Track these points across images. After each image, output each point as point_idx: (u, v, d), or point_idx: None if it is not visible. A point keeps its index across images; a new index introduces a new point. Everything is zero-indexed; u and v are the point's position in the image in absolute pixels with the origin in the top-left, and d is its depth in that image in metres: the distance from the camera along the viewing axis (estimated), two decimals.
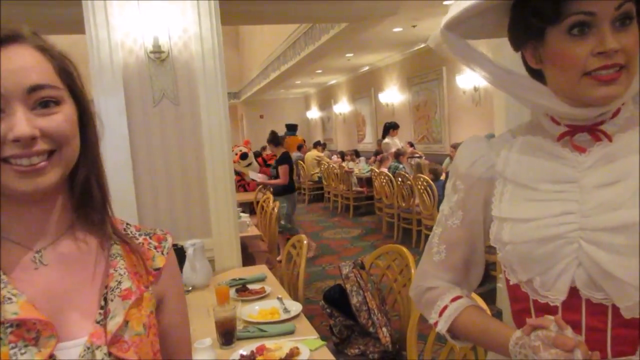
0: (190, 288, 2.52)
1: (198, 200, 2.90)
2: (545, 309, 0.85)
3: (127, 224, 0.82)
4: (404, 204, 6.32)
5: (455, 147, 7.27)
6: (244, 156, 6.71)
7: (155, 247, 0.81)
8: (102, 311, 0.70)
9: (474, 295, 1.44)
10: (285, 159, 5.87)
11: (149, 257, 0.79)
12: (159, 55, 2.72)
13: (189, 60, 2.79)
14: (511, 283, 0.90)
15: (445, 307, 0.95)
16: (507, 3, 0.85)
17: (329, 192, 9.88)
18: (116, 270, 0.73)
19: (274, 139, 6.24)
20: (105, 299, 0.71)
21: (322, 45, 7.89)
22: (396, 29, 7.69)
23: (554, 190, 0.85)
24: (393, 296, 2.38)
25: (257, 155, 8.08)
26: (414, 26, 7.43)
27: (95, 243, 0.75)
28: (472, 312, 0.94)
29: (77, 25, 2.70)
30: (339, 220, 8.43)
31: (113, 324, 0.69)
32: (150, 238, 0.81)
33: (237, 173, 6.36)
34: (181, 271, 2.53)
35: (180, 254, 2.66)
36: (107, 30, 2.64)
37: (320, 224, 8.27)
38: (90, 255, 0.74)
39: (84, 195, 0.73)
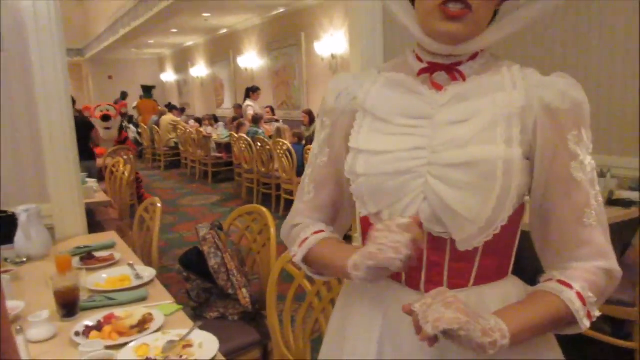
0: (24, 259, 2.24)
1: (32, 162, 2.57)
2: None
3: None
4: (263, 169, 6.31)
5: (307, 113, 7.42)
6: (105, 118, 5.85)
7: None
8: None
9: None
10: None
11: None
12: None
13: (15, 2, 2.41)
14: (361, 215, 0.91)
15: (305, 239, 0.96)
16: None
17: (186, 159, 9.52)
18: None
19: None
20: None
21: (176, 1, 7.43)
22: None
23: (408, 125, 0.87)
24: (252, 257, 2.35)
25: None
26: None
27: None
28: (328, 242, 0.95)
29: None
30: (198, 187, 8.19)
31: None
32: None
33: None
34: (12, 240, 2.26)
35: (11, 221, 2.35)
36: None
37: (177, 191, 7.97)
38: None
39: None
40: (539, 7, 0.84)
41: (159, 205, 2.60)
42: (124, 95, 13.96)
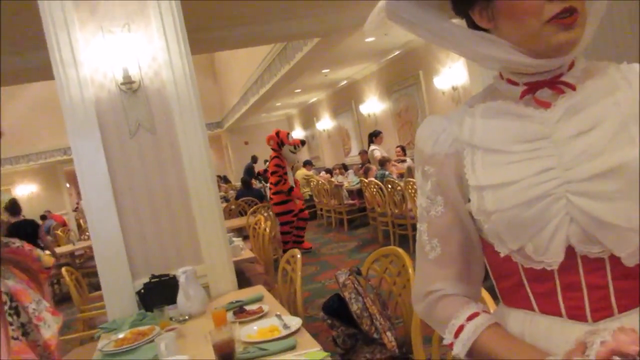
0: (187, 317, 2.46)
1: (185, 228, 2.86)
2: (540, 277, 0.82)
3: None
4: (396, 211, 6.29)
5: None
6: (303, 142, 7.32)
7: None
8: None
9: (483, 293, 1.39)
10: None
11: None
12: (130, 86, 2.69)
13: (161, 88, 2.77)
14: (502, 255, 0.83)
15: (461, 327, 0.86)
16: None
17: (321, 209, 9.83)
18: None
19: None
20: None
21: (297, 64, 7.93)
22: (368, 40, 7.76)
23: (528, 150, 0.81)
24: (394, 300, 2.34)
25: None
26: (385, 34, 7.51)
27: None
28: (492, 334, 0.84)
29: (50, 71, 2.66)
30: (335, 235, 8.37)
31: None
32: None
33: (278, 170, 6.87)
34: (175, 301, 2.51)
35: (173, 283, 2.61)
36: (75, 67, 2.62)
37: (316, 241, 8.21)
38: None
39: None
40: None
41: (298, 256, 2.72)
42: (254, 159, 14.94)
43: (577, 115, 0.80)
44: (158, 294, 2.64)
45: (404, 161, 8.41)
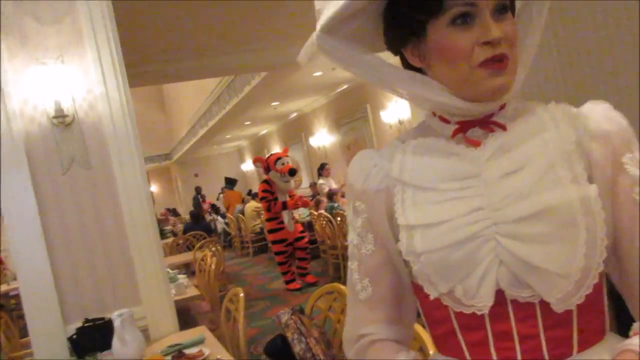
0: None
1: (123, 268, 2.71)
2: (472, 325, 0.78)
3: None
4: (346, 243, 6.27)
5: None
6: (291, 172, 5.96)
7: None
8: None
9: (418, 328, 1.36)
10: None
11: None
12: (62, 120, 2.57)
13: (97, 122, 2.66)
14: (431, 298, 0.80)
15: None
16: (382, 5, 0.81)
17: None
18: None
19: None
20: None
21: (245, 97, 7.93)
22: (316, 73, 7.87)
23: (457, 188, 0.79)
24: (338, 338, 2.28)
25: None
26: (333, 69, 7.63)
27: None
28: None
29: None
30: None
31: None
32: None
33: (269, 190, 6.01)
34: (110, 346, 2.36)
35: (108, 327, 2.45)
36: (1, 99, 2.48)
37: (267, 275, 8.06)
38: None
39: None
40: (537, 26, 0.83)
41: (241, 295, 2.63)
42: (198, 190, 14.73)
43: (506, 154, 0.79)
44: (92, 339, 2.48)
45: None
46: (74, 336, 2.52)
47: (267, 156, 6.04)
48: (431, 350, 1.26)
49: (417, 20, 0.78)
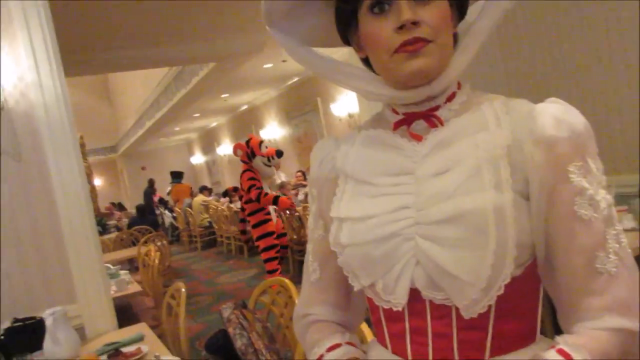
0: None
1: (57, 265, 2.59)
2: (393, 317, 0.79)
3: None
4: (295, 237, 6.27)
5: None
6: (279, 153, 5.61)
7: None
8: None
9: (363, 327, 1.37)
10: None
11: None
12: None
13: (29, 111, 2.52)
14: (355, 289, 0.81)
15: (320, 357, 0.86)
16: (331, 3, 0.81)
17: (221, 236, 9.58)
18: None
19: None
20: None
21: (194, 88, 7.76)
22: (266, 65, 7.79)
23: (390, 184, 0.78)
24: (282, 332, 2.27)
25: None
26: (284, 61, 7.57)
27: None
28: None
29: None
30: (234, 263, 8.17)
31: None
32: None
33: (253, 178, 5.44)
34: (42, 347, 2.25)
35: (39, 327, 2.34)
36: None
37: (214, 270, 7.96)
38: None
39: None
40: (491, 15, 0.78)
41: (183, 290, 2.57)
42: (151, 183, 14.29)
43: (442, 152, 0.76)
44: (21, 339, 2.35)
45: (304, 186, 8.46)
46: (1, 337, 2.39)
47: (245, 141, 5.62)
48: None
49: (344, 10, 0.78)
